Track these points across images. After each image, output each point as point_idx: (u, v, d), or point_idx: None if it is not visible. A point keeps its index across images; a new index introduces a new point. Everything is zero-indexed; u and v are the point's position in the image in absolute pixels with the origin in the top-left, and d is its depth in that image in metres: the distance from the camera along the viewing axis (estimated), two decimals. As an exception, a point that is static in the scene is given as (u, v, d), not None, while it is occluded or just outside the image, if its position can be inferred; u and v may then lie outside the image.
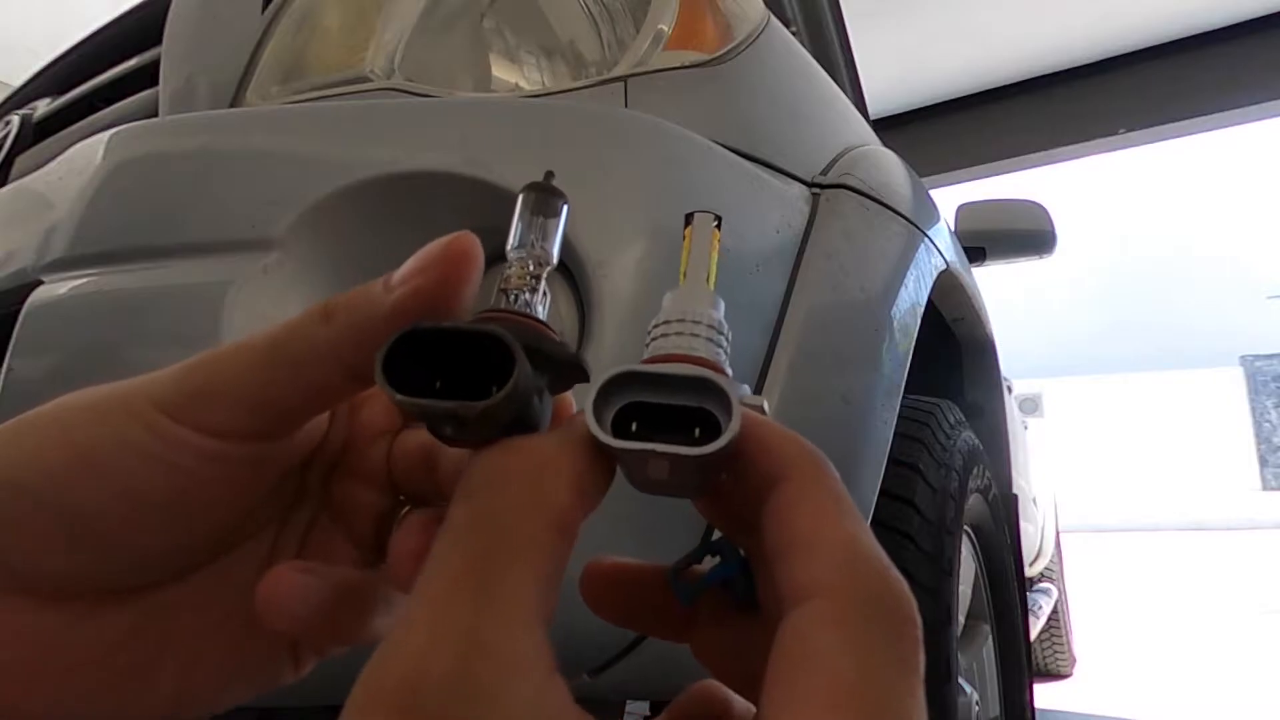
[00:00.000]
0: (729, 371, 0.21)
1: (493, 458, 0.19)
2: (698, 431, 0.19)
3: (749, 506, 0.20)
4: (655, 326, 0.22)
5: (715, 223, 0.24)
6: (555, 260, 0.24)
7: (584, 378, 0.22)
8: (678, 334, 0.21)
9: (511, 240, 0.23)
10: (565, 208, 0.24)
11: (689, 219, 0.24)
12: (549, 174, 0.24)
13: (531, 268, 0.23)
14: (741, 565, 0.22)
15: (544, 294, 0.23)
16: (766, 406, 0.21)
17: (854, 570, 0.17)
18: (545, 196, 0.24)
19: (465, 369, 0.20)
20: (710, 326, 0.21)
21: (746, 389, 0.20)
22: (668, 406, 0.20)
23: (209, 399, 0.21)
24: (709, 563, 0.23)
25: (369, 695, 0.16)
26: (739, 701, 0.23)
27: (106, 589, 0.22)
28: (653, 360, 0.21)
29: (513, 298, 0.22)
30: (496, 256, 0.25)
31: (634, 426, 0.20)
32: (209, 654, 0.24)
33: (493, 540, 0.17)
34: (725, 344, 0.22)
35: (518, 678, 0.15)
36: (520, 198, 0.24)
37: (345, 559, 0.26)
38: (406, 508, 0.26)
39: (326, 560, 0.26)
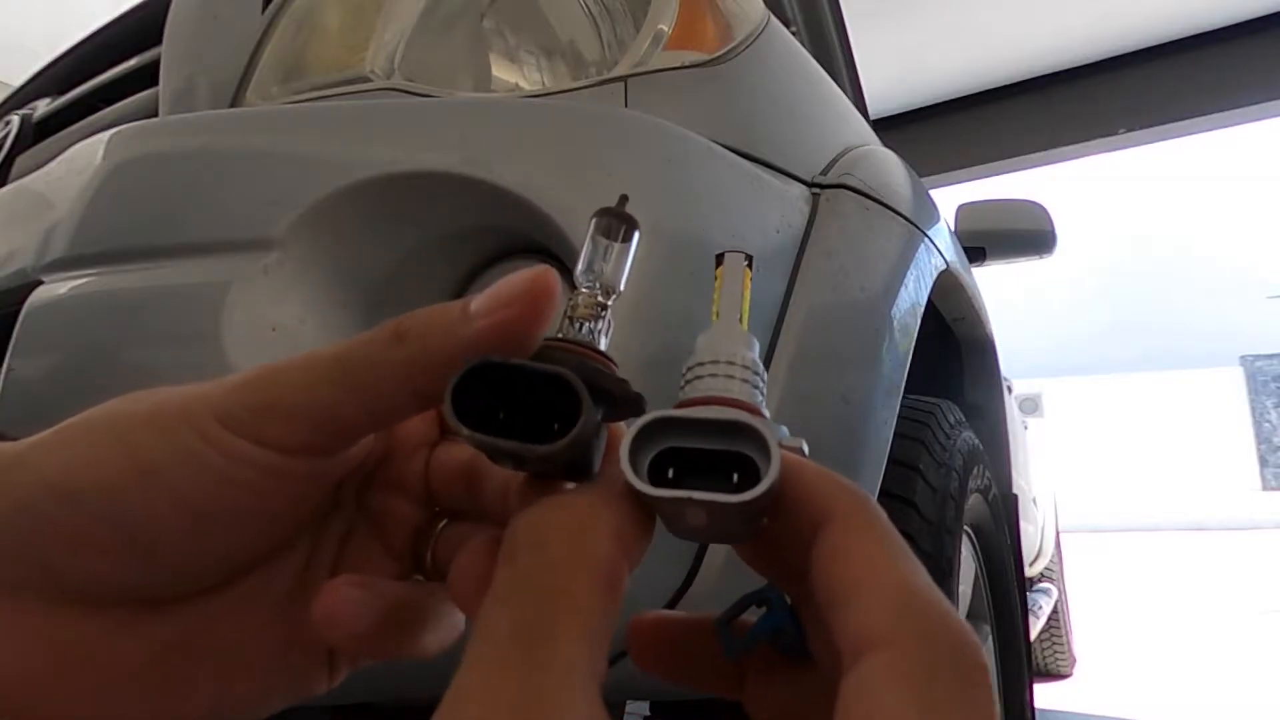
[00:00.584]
0: (766, 413, 0.21)
1: (534, 516, 0.19)
2: (735, 476, 0.19)
3: (794, 551, 0.20)
4: (690, 369, 0.22)
5: (747, 262, 0.23)
6: (622, 288, 0.23)
7: (639, 412, 0.22)
8: (713, 375, 0.21)
9: (581, 265, 0.23)
10: (637, 235, 0.24)
11: (720, 259, 0.23)
12: (623, 198, 0.24)
13: (599, 296, 0.23)
14: (789, 614, 0.21)
15: (608, 322, 0.23)
16: (805, 448, 0.20)
17: (912, 617, 0.16)
18: (617, 223, 0.23)
19: (530, 399, 0.20)
20: (745, 367, 0.21)
21: (785, 430, 0.20)
22: (705, 450, 0.19)
23: (272, 413, 0.21)
24: (756, 613, 0.22)
25: None
26: None
27: (148, 599, 0.22)
28: (689, 402, 0.20)
29: (578, 326, 0.22)
30: (498, 256, 0.25)
31: (670, 472, 0.19)
32: (247, 664, 0.24)
33: (539, 602, 0.17)
34: (762, 385, 0.21)
35: None
36: (592, 222, 0.24)
37: (382, 570, 0.26)
38: (444, 521, 0.26)
39: (363, 571, 0.25)
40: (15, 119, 0.91)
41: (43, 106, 0.93)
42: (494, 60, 0.73)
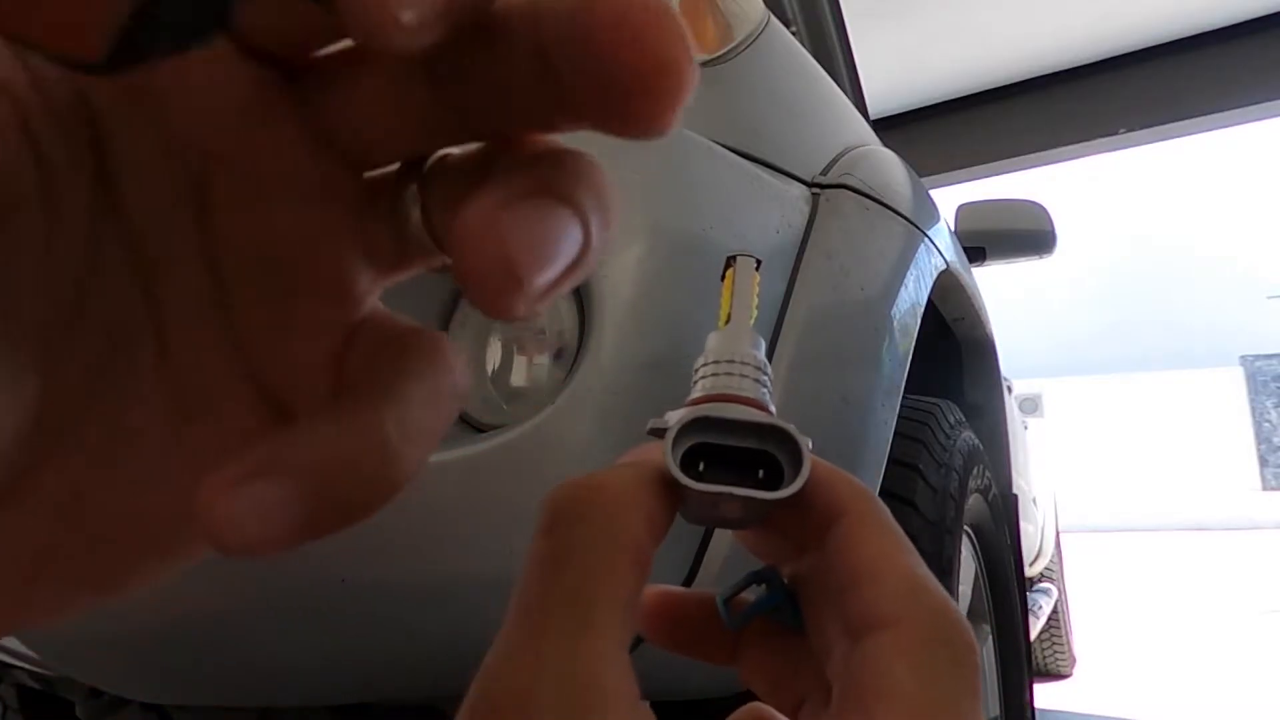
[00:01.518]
0: (773, 409, 0.22)
1: (570, 494, 0.20)
2: (760, 472, 0.21)
3: (804, 538, 0.22)
4: (704, 365, 0.23)
5: (756, 266, 0.25)
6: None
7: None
8: (727, 374, 0.22)
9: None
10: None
11: (730, 262, 0.25)
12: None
13: None
14: (787, 593, 0.23)
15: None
16: (810, 445, 0.22)
17: (919, 602, 0.19)
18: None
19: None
20: (756, 368, 0.23)
21: (793, 429, 0.22)
22: (729, 446, 0.21)
23: None
24: (754, 591, 0.24)
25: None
26: None
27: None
28: (703, 399, 0.22)
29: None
30: None
31: (701, 466, 0.21)
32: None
33: (580, 571, 0.18)
34: (769, 383, 0.23)
35: (611, 705, 0.17)
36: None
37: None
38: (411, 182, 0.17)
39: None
40: (15, 119, 0.91)
41: (43, 106, 0.93)
42: (494, 60, 0.73)
